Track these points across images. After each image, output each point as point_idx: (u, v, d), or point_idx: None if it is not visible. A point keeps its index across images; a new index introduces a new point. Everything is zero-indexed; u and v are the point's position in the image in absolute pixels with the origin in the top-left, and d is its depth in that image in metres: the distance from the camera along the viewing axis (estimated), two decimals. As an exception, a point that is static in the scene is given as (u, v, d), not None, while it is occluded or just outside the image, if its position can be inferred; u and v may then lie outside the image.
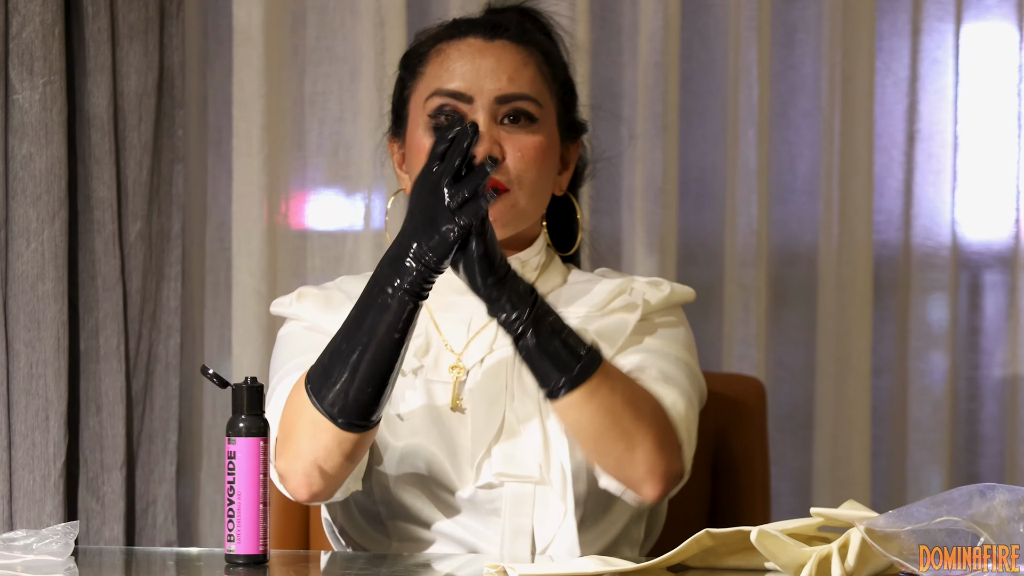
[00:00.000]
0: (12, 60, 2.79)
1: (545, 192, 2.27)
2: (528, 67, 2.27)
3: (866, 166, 3.18)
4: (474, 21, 2.33)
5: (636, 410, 2.11)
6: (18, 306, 2.80)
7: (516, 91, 2.25)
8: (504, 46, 2.28)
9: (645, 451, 2.11)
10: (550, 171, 2.27)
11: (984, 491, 1.78)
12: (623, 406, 2.09)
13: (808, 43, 3.21)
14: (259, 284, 2.97)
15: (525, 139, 2.24)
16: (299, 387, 2.10)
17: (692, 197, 3.18)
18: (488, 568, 1.88)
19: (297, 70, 3.05)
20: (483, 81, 2.25)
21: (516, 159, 2.23)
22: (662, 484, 2.13)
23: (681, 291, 2.32)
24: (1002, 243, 3.27)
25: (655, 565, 1.92)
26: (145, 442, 2.90)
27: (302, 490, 2.12)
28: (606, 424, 2.09)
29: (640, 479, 2.12)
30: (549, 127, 2.28)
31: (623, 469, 2.12)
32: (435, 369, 2.24)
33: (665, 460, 2.13)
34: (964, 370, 3.28)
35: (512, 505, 2.18)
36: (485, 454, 2.17)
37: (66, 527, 2.01)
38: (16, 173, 2.80)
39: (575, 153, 2.36)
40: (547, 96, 2.28)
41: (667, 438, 2.14)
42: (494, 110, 2.24)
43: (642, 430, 2.11)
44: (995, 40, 3.27)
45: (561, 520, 2.17)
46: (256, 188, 2.98)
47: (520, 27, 2.32)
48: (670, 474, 2.13)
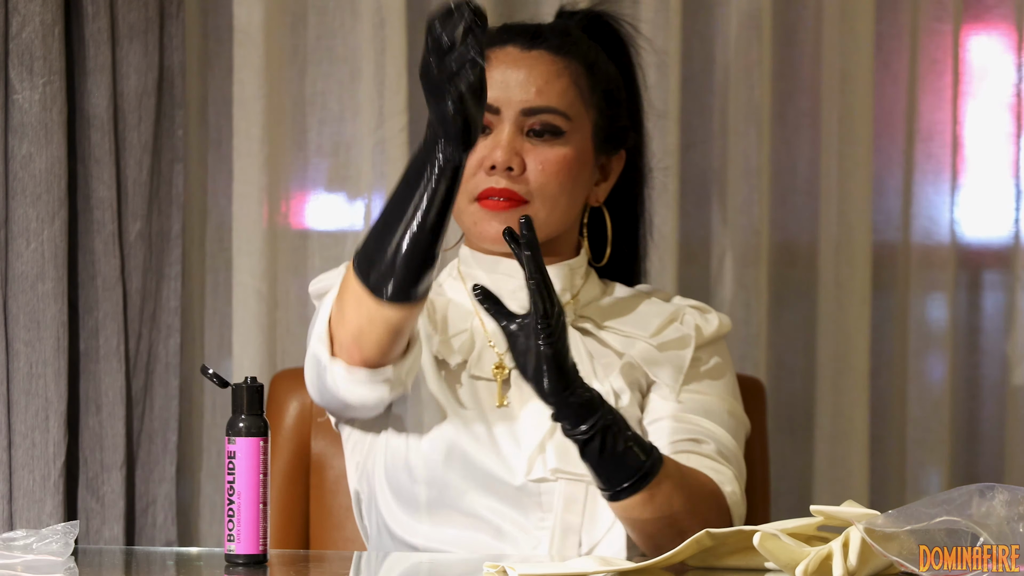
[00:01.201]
0: (12, 60, 2.79)
1: (571, 203, 2.29)
2: (561, 78, 2.29)
3: (865, 166, 3.18)
4: (517, 29, 2.35)
5: (692, 507, 2.14)
6: (18, 306, 2.80)
7: (543, 104, 2.27)
8: (539, 56, 2.30)
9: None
10: (576, 184, 2.29)
11: (983, 491, 1.78)
12: (681, 506, 2.13)
13: (808, 43, 3.20)
14: (259, 284, 2.97)
15: (548, 152, 2.26)
16: (349, 269, 2.12)
17: (692, 197, 3.18)
18: (488, 568, 1.88)
19: (297, 70, 3.05)
20: (512, 92, 2.27)
21: (537, 172, 2.25)
22: None
23: (725, 322, 2.36)
24: (1001, 242, 3.27)
25: (655, 565, 1.92)
26: (145, 442, 2.90)
27: (356, 355, 2.13)
28: (663, 524, 2.12)
29: None
30: (578, 140, 2.29)
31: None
32: (479, 365, 2.26)
33: None
34: (963, 370, 3.28)
35: (564, 502, 2.19)
36: (538, 449, 2.19)
37: (66, 527, 2.01)
38: (16, 173, 2.80)
39: (617, 164, 2.37)
40: (580, 108, 2.29)
41: (719, 527, 2.16)
42: (520, 122, 2.26)
43: (695, 527, 2.13)
44: (994, 40, 3.27)
45: (613, 520, 2.18)
46: (256, 188, 2.98)
47: (563, 36, 2.33)
48: None
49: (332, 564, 2.14)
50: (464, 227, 2.31)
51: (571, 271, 2.32)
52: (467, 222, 2.28)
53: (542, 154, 2.26)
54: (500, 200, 2.25)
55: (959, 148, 3.25)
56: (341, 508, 2.58)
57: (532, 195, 2.25)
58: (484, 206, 2.25)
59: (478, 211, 2.26)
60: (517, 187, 2.24)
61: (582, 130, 2.30)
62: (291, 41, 3.05)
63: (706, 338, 2.31)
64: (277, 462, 2.58)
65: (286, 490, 2.58)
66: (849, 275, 3.17)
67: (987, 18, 3.27)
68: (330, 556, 2.23)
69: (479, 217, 2.25)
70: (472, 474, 2.21)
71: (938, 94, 3.24)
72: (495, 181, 2.25)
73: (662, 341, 2.28)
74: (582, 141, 2.30)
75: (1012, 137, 3.26)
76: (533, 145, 2.26)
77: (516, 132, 2.26)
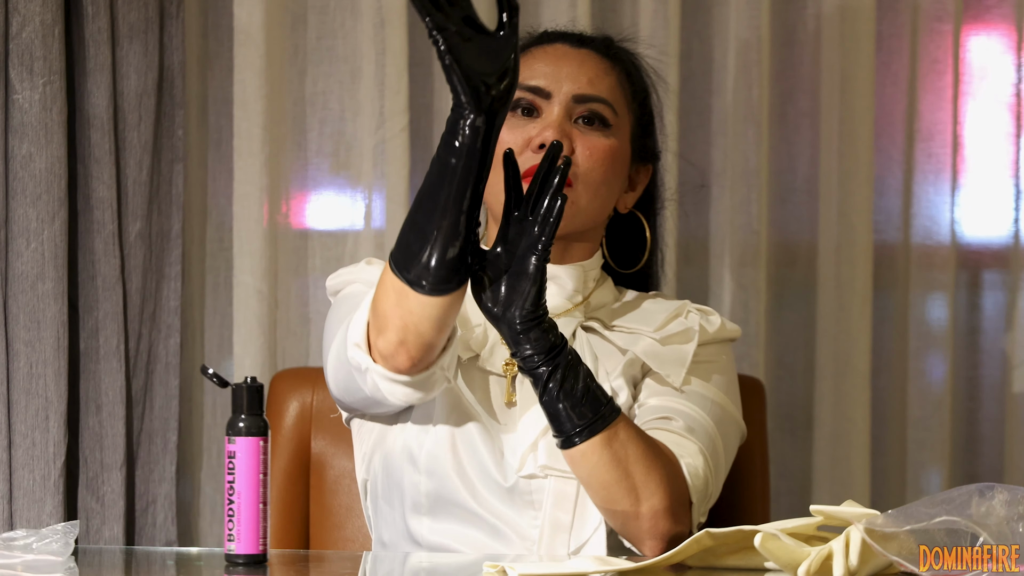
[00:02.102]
0: (12, 60, 2.79)
1: (609, 197, 2.32)
2: (609, 76, 2.34)
3: (866, 166, 3.18)
4: (562, 32, 2.41)
5: (647, 467, 2.13)
6: (18, 306, 2.80)
7: (595, 93, 2.31)
8: (589, 54, 2.36)
9: (651, 508, 2.14)
10: (617, 178, 2.32)
11: (983, 491, 1.78)
12: (635, 462, 2.12)
13: (808, 43, 3.21)
14: (260, 284, 2.97)
15: (597, 140, 2.29)
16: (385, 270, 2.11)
17: (691, 197, 3.18)
18: (488, 568, 1.88)
19: (297, 70, 3.05)
20: (563, 81, 2.31)
21: (584, 156, 2.27)
22: (663, 544, 2.15)
23: (731, 328, 2.37)
24: (1001, 242, 3.27)
25: (655, 564, 1.92)
26: (145, 442, 2.90)
27: (402, 358, 2.11)
28: (615, 476, 2.11)
29: (642, 536, 2.15)
30: (622, 137, 2.33)
31: (627, 524, 2.15)
32: (490, 360, 2.27)
33: (670, 520, 2.15)
34: (963, 370, 3.28)
35: (554, 500, 2.20)
36: (531, 447, 2.20)
37: (66, 527, 2.01)
38: (16, 173, 2.80)
39: (644, 176, 2.41)
40: (624, 108, 2.34)
41: (677, 497, 2.16)
42: (570, 108, 2.29)
43: (650, 487, 2.13)
44: (994, 40, 3.27)
45: (599, 521, 2.19)
46: (257, 188, 2.98)
47: (608, 42, 2.40)
48: (672, 534, 2.16)
49: (332, 564, 2.14)
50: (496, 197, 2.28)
51: (584, 272, 2.33)
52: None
53: (591, 140, 2.29)
54: None
55: (959, 148, 3.25)
56: (341, 508, 2.58)
57: (577, 178, 2.27)
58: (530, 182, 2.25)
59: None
60: None
61: (624, 129, 2.35)
62: (291, 41, 3.05)
63: (710, 335, 2.32)
64: (277, 462, 2.58)
65: (286, 490, 2.58)
66: (849, 275, 3.17)
67: (987, 18, 3.27)
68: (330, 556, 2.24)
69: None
70: (471, 470, 2.22)
71: (938, 94, 3.24)
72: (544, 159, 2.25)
73: (665, 335, 2.29)
74: (624, 140, 2.34)
75: (1012, 137, 3.26)
76: (582, 132, 2.29)
77: (565, 117, 2.29)
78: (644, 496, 2.13)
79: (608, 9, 3.12)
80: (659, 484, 2.13)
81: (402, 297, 2.08)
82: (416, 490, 2.24)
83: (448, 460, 2.22)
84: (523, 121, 2.30)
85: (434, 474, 2.22)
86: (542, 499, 2.20)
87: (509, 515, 2.21)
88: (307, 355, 3.02)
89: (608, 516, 2.16)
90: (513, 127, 2.29)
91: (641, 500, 2.13)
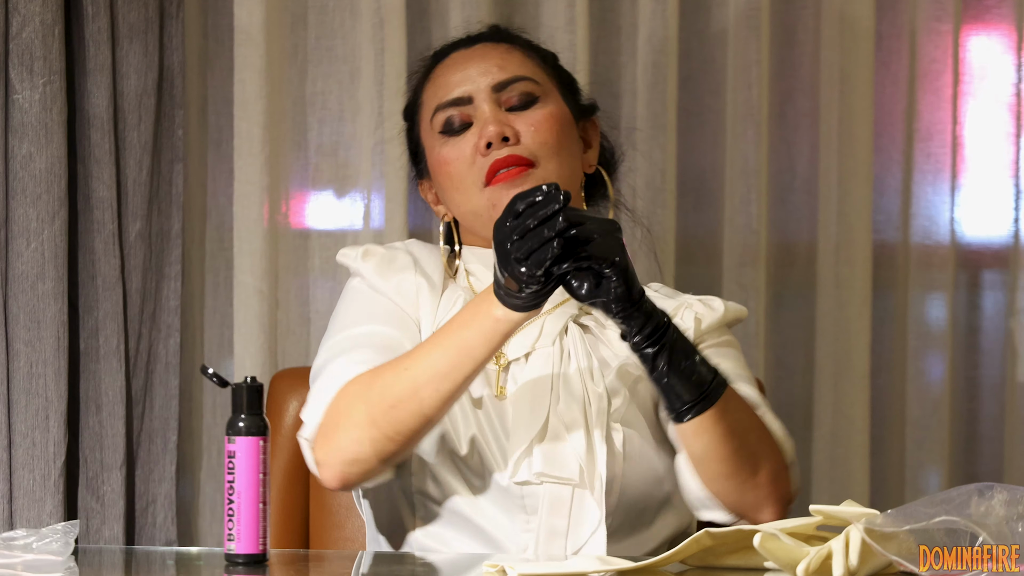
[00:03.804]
0: (12, 60, 2.80)
1: (573, 160, 2.30)
2: (513, 54, 2.32)
3: (865, 165, 3.18)
4: (452, 41, 2.40)
5: (759, 435, 2.15)
6: (18, 306, 2.80)
7: (509, 76, 2.29)
8: (485, 46, 2.34)
9: (768, 473, 2.16)
10: (571, 139, 2.30)
11: (983, 491, 1.78)
12: (748, 431, 2.13)
13: (807, 43, 3.21)
14: (260, 284, 2.97)
15: (533, 115, 2.27)
16: (359, 381, 2.13)
17: (691, 197, 3.18)
18: (488, 567, 1.88)
19: (297, 70, 3.05)
20: (476, 79, 2.28)
21: (531, 134, 2.25)
22: (780, 507, 2.18)
23: (735, 310, 2.36)
24: (1001, 242, 3.27)
25: (654, 564, 1.92)
26: (145, 442, 2.90)
27: (335, 482, 2.15)
28: (733, 447, 2.12)
29: (760, 502, 2.16)
30: (556, 101, 2.31)
31: (745, 493, 2.15)
32: None
33: (784, 482, 2.18)
34: (963, 369, 3.28)
35: (550, 506, 2.17)
36: (526, 451, 2.17)
37: (66, 526, 2.01)
38: (16, 173, 2.80)
39: (594, 131, 2.38)
40: (543, 76, 2.32)
41: (783, 460, 2.19)
42: (495, 99, 2.27)
43: (765, 452, 2.15)
44: (994, 40, 3.27)
45: (596, 525, 2.17)
46: (257, 188, 2.98)
47: (496, 31, 2.38)
48: (788, 496, 2.18)
49: (332, 564, 2.14)
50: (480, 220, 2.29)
51: None
52: (483, 211, 2.26)
53: (528, 118, 2.27)
54: (510, 168, 2.24)
55: (959, 148, 3.25)
56: (341, 507, 2.58)
57: (535, 156, 2.25)
58: (497, 182, 2.24)
59: (492, 191, 2.24)
60: (520, 151, 2.24)
61: (553, 93, 2.32)
62: (291, 41, 3.05)
63: (711, 325, 2.30)
64: (277, 462, 2.58)
65: (286, 490, 2.58)
66: (849, 275, 3.17)
67: (987, 18, 3.27)
68: (330, 556, 2.24)
69: (496, 196, 2.23)
70: (458, 471, 2.20)
71: (938, 94, 3.25)
72: (497, 155, 2.24)
73: None
74: (558, 102, 2.31)
75: (1012, 137, 3.26)
76: (517, 115, 2.27)
77: (496, 109, 2.27)
78: (761, 463, 2.14)
79: (607, 9, 3.12)
80: (772, 449, 2.15)
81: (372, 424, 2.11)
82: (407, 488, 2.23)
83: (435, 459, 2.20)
84: (462, 136, 2.28)
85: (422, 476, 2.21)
86: (535, 504, 2.17)
87: (498, 517, 2.19)
88: (307, 355, 3.02)
89: (723, 490, 2.15)
90: (456, 144, 2.26)
91: (759, 467, 2.14)
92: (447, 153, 2.26)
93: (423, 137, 2.34)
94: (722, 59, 3.15)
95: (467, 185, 2.25)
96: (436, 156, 2.28)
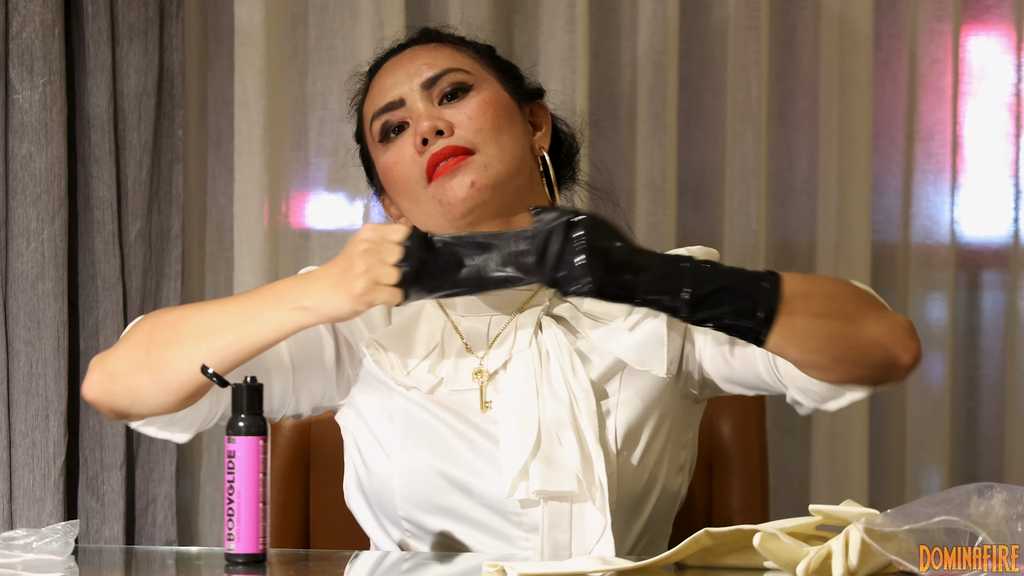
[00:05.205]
0: (12, 60, 2.80)
1: (517, 142, 2.24)
2: (442, 50, 2.28)
3: (865, 165, 3.18)
4: (385, 52, 2.35)
5: (840, 297, 2.06)
6: (18, 306, 2.81)
7: (437, 70, 2.25)
8: (415, 49, 2.30)
9: (879, 324, 2.08)
10: (513, 122, 2.25)
11: (982, 490, 1.78)
12: (825, 302, 2.04)
13: (807, 43, 3.21)
14: (260, 284, 2.97)
15: (468, 103, 2.22)
16: (161, 310, 2.12)
17: (691, 196, 3.18)
18: (487, 567, 1.89)
19: (297, 70, 3.05)
20: (405, 81, 2.25)
21: (465, 122, 2.22)
22: (912, 339, 2.08)
23: (699, 254, 2.24)
24: (1001, 242, 3.27)
25: (654, 564, 1.92)
26: (145, 441, 2.90)
27: (89, 389, 2.12)
28: (829, 334, 2.04)
29: (890, 349, 2.07)
30: (491, 86, 2.26)
31: (869, 354, 2.06)
32: (456, 378, 2.20)
33: (897, 317, 2.10)
34: (963, 369, 3.28)
35: (551, 522, 2.13)
36: (522, 473, 2.12)
37: (66, 526, 2.01)
38: (16, 173, 2.81)
39: (542, 114, 2.32)
40: (476, 65, 2.27)
41: (879, 303, 2.10)
42: (426, 96, 2.24)
43: (860, 309, 2.06)
44: (994, 40, 3.27)
45: (601, 533, 2.14)
46: (257, 188, 2.98)
47: (425, 33, 2.34)
48: (910, 328, 2.09)
49: (332, 564, 2.14)
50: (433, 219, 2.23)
51: None
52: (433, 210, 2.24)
53: (462, 108, 2.23)
54: (449, 160, 2.21)
55: (959, 148, 3.25)
56: (341, 507, 2.58)
57: (473, 143, 2.20)
58: (437, 175, 2.20)
59: (435, 187, 2.21)
60: (456, 141, 2.21)
61: (489, 80, 2.27)
62: (291, 41, 3.05)
63: None
64: (277, 462, 2.58)
65: (286, 490, 2.58)
66: (848, 274, 3.17)
67: (987, 18, 3.27)
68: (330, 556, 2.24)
69: (439, 189, 2.20)
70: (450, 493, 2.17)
71: (938, 94, 3.25)
72: (433, 149, 2.22)
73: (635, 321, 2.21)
74: (494, 88, 2.27)
75: (1011, 137, 3.26)
76: (450, 106, 2.23)
77: (429, 105, 2.24)
78: (866, 321, 2.06)
79: (607, 9, 3.12)
80: (863, 301, 2.07)
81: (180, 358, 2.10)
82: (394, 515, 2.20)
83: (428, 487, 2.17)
84: (400, 138, 2.25)
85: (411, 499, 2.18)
86: (533, 521, 2.15)
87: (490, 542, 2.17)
88: (307, 355, 3.02)
89: (848, 370, 2.07)
90: (396, 148, 2.23)
91: (864, 326, 2.06)
92: (388, 158, 2.25)
93: (371, 151, 2.31)
94: (722, 59, 3.15)
95: (412, 186, 2.23)
96: (380, 164, 2.26)
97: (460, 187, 2.17)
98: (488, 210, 2.19)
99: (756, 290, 2.02)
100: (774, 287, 2.03)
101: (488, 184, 2.19)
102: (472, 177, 2.18)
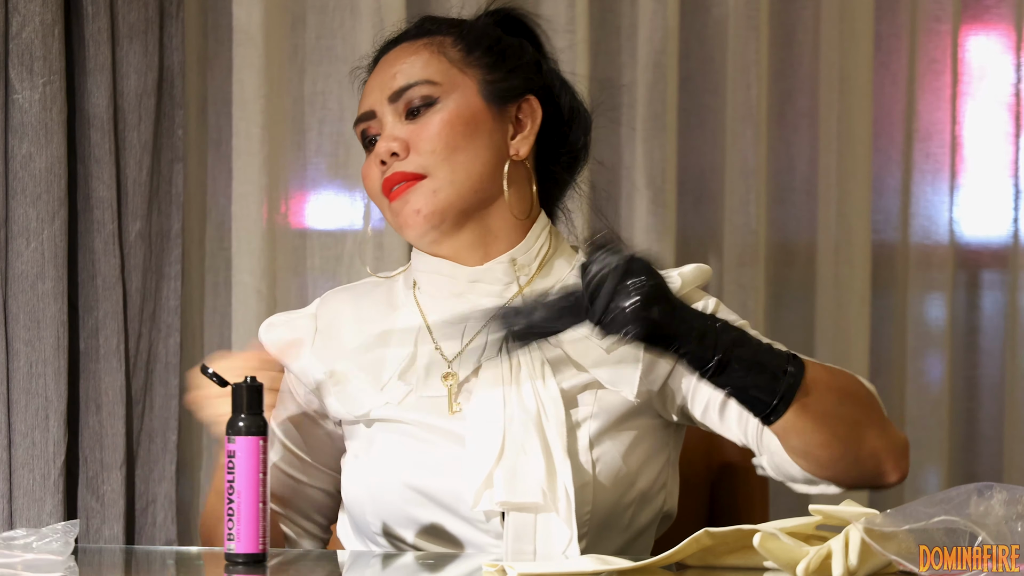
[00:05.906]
0: (12, 60, 2.80)
1: (472, 164, 2.21)
2: (419, 54, 2.25)
3: (864, 165, 3.18)
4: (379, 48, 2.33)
5: (853, 401, 2.06)
6: (18, 305, 2.81)
7: (403, 84, 2.22)
8: (401, 48, 2.27)
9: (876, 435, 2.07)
10: (470, 140, 2.21)
11: (982, 490, 1.78)
12: (839, 402, 2.04)
13: (806, 43, 3.21)
14: (259, 284, 2.97)
15: (427, 123, 2.20)
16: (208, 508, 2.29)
17: (690, 196, 3.18)
18: (487, 567, 1.89)
19: (297, 70, 3.05)
20: (377, 92, 2.24)
21: (420, 144, 2.20)
22: (905, 460, 2.08)
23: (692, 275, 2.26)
24: (1000, 242, 3.27)
25: (654, 564, 1.92)
26: (145, 441, 2.90)
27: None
28: (829, 430, 2.03)
29: (883, 465, 2.07)
30: (459, 99, 2.22)
31: (863, 464, 2.06)
32: (426, 384, 2.19)
33: (898, 435, 2.09)
34: (962, 369, 3.28)
35: (515, 532, 2.12)
36: (486, 482, 2.11)
37: (66, 526, 2.01)
38: (16, 173, 2.81)
39: (529, 111, 2.27)
40: (452, 71, 2.23)
41: (881, 413, 2.09)
42: (393, 110, 2.22)
43: (869, 417, 2.06)
44: (993, 40, 3.27)
45: (566, 545, 2.12)
46: (256, 188, 2.98)
47: (420, 25, 2.31)
48: (906, 447, 2.09)
49: (332, 564, 2.14)
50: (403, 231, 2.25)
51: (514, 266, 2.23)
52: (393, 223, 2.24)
53: (421, 128, 2.20)
54: (400, 185, 2.21)
55: (958, 148, 3.25)
56: (341, 507, 2.58)
57: (426, 167, 2.19)
58: (392, 198, 2.21)
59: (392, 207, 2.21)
60: (406, 167, 2.18)
61: (461, 89, 2.23)
62: (291, 41, 3.05)
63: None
64: (277, 461, 2.58)
65: (286, 489, 2.58)
66: (848, 275, 3.18)
67: (986, 18, 3.27)
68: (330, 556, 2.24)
69: (393, 212, 2.21)
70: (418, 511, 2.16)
71: (937, 94, 3.25)
72: (387, 172, 2.21)
73: None
74: (464, 99, 2.23)
75: (1011, 137, 3.26)
76: (414, 122, 2.21)
77: (396, 121, 2.22)
78: (865, 428, 2.05)
79: (607, 9, 3.12)
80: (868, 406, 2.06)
81: None
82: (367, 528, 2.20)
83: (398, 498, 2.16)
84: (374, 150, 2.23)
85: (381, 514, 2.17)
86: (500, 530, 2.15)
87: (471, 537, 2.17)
88: (307, 355, 3.02)
89: (840, 470, 2.06)
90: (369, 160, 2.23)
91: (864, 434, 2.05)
92: (364, 168, 2.25)
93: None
94: (721, 59, 3.15)
95: (379, 199, 2.24)
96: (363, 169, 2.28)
97: (408, 214, 2.18)
98: (446, 228, 2.18)
99: (781, 373, 2.01)
100: (798, 375, 2.01)
101: (436, 210, 2.18)
102: (418, 205, 2.18)
